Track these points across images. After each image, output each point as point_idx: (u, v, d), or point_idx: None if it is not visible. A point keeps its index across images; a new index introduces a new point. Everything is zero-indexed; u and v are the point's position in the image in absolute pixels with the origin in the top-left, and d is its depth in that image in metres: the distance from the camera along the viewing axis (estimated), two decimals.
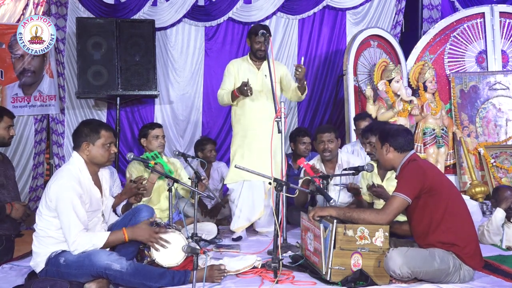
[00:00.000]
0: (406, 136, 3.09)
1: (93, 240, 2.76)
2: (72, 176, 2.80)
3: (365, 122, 4.80)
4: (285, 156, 3.99)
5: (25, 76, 5.63)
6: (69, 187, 2.75)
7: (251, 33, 4.35)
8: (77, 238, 2.73)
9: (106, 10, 5.95)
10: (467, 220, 2.95)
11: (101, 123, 3.12)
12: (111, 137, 2.97)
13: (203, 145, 5.26)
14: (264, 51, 4.28)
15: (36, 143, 5.73)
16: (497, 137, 6.00)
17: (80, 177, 2.84)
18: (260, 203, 4.30)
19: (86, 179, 2.88)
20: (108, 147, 2.93)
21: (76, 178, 2.81)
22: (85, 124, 2.98)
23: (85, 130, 2.91)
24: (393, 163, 3.11)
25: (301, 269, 3.12)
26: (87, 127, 2.93)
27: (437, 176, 2.99)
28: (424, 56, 6.13)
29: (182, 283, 2.80)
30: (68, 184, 2.76)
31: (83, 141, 2.89)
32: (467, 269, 2.85)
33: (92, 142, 2.89)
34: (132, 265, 2.75)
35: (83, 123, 3.03)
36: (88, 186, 2.88)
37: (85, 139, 2.89)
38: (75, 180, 2.79)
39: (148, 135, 4.23)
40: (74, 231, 2.72)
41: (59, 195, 2.74)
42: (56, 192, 2.75)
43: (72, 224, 2.72)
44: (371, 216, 2.90)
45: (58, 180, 2.79)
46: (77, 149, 2.91)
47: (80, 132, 2.91)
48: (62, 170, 2.89)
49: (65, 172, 2.83)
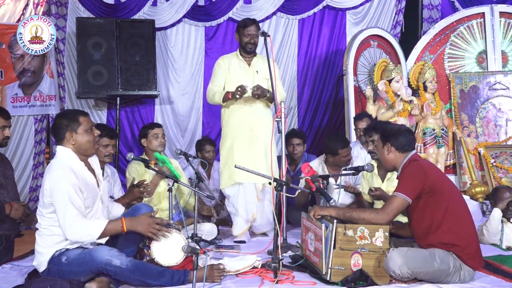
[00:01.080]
0: (407, 136, 3.08)
1: (89, 228, 2.74)
2: (64, 166, 2.79)
3: (364, 122, 4.80)
4: (285, 157, 3.96)
5: (25, 76, 5.63)
6: (62, 177, 2.74)
7: (240, 27, 4.24)
8: (73, 223, 2.70)
9: (106, 10, 5.95)
10: (468, 220, 2.95)
11: (76, 110, 3.11)
12: (90, 121, 2.96)
13: (202, 145, 5.26)
14: (254, 45, 4.20)
15: (36, 143, 5.73)
16: (497, 137, 6.00)
17: (72, 165, 2.82)
18: (253, 205, 4.19)
19: (78, 166, 2.86)
20: (91, 131, 2.92)
21: (68, 167, 2.79)
22: (61, 116, 2.95)
23: (64, 122, 2.88)
24: (394, 163, 3.10)
25: (301, 269, 3.12)
26: (65, 118, 2.91)
27: (438, 177, 2.99)
28: (424, 56, 6.13)
29: (182, 282, 2.80)
30: (60, 174, 2.75)
31: (65, 132, 2.86)
32: (467, 269, 2.85)
33: (75, 130, 2.87)
34: (133, 261, 2.75)
35: (58, 116, 3.00)
36: (82, 172, 2.86)
37: (67, 129, 2.86)
38: (67, 169, 2.77)
39: (148, 135, 4.23)
40: (69, 216, 2.70)
41: (53, 187, 2.73)
42: (50, 185, 2.74)
43: (67, 210, 2.70)
44: (370, 216, 2.90)
45: (50, 174, 2.78)
46: (61, 142, 2.89)
47: (59, 125, 2.89)
48: (51, 164, 2.87)
49: (55, 165, 2.82)
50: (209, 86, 4.31)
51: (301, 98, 6.43)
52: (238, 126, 4.19)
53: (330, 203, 3.21)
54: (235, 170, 3.78)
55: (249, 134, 4.17)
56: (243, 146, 4.16)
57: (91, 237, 2.76)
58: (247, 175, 3.70)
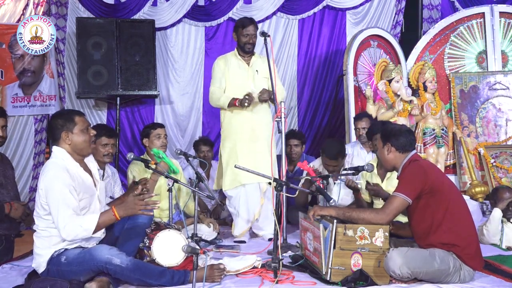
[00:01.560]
0: (408, 137, 3.07)
1: (83, 224, 2.72)
2: (58, 167, 2.78)
3: (364, 122, 4.80)
4: (285, 157, 3.96)
5: (25, 76, 5.63)
6: (56, 177, 2.73)
7: (238, 26, 4.22)
8: (67, 222, 2.69)
9: (106, 10, 5.95)
10: (468, 220, 2.95)
11: (72, 110, 3.11)
12: (86, 120, 2.95)
13: (198, 145, 5.28)
14: (252, 45, 4.19)
15: (36, 143, 5.73)
16: (497, 137, 6.00)
17: (67, 165, 2.81)
18: (256, 206, 4.18)
19: (73, 167, 2.85)
20: (86, 131, 2.92)
21: (63, 167, 2.78)
22: (57, 116, 2.94)
23: (60, 121, 2.87)
24: (394, 163, 3.10)
25: (301, 269, 3.12)
26: (60, 118, 2.90)
27: (438, 177, 2.98)
28: (424, 56, 6.13)
29: (182, 283, 2.80)
30: (54, 174, 2.74)
31: (61, 132, 2.86)
32: (467, 269, 2.85)
33: (71, 130, 2.86)
34: (133, 261, 2.75)
35: (54, 116, 2.99)
36: (77, 172, 2.85)
37: (63, 129, 2.86)
38: (62, 170, 2.77)
39: (150, 135, 4.22)
40: (63, 216, 2.69)
41: (48, 187, 2.73)
42: (45, 185, 2.74)
43: (60, 210, 2.69)
44: (370, 216, 2.90)
45: (45, 174, 2.78)
46: (57, 142, 2.88)
47: (55, 125, 2.88)
48: (46, 165, 2.86)
49: (50, 165, 2.81)
50: (211, 88, 4.28)
51: (301, 98, 6.43)
52: (240, 128, 4.17)
53: (330, 203, 3.21)
54: (239, 172, 3.77)
55: (250, 134, 4.16)
56: (245, 146, 4.15)
57: (87, 232, 2.73)
58: (251, 176, 3.70)
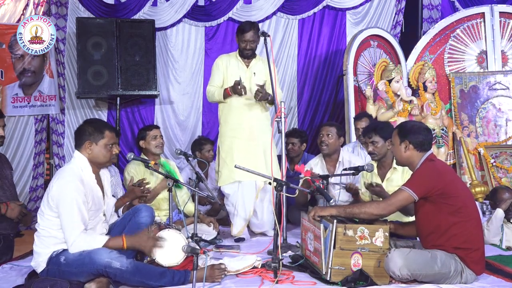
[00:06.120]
0: (427, 135, 3.00)
1: (92, 244, 2.75)
2: (75, 175, 2.80)
3: (364, 122, 4.81)
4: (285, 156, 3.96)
5: (25, 76, 5.63)
6: (72, 187, 2.74)
7: (238, 31, 4.23)
8: (77, 239, 2.72)
9: (106, 10, 5.95)
10: (478, 225, 2.91)
11: (105, 123, 3.12)
12: (114, 137, 2.97)
13: (202, 144, 5.22)
14: (251, 50, 4.20)
15: (36, 143, 5.74)
16: (497, 137, 6.00)
17: (83, 176, 2.84)
18: (250, 203, 4.19)
19: (88, 178, 2.87)
20: (110, 148, 2.93)
21: (79, 177, 2.80)
22: (89, 123, 2.97)
23: (89, 129, 2.90)
24: (411, 161, 3.01)
25: (301, 269, 3.12)
26: (91, 126, 2.93)
27: (453, 180, 2.91)
28: (424, 56, 6.13)
29: (182, 283, 2.80)
30: (70, 183, 2.75)
31: (86, 140, 2.88)
32: (469, 273, 2.82)
33: (95, 142, 2.89)
34: (133, 263, 2.75)
35: (87, 122, 3.02)
36: (91, 185, 2.87)
37: (88, 138, 2.88)
38: (78, 179, 2.78)
39: (146, 136, 4.24)
40: (75, 232, 2.72)
41: (61, 195, 2.73)
42: (58, 192, 2.75)
43: (73, 225, 2.72)
44: (372, 207, 2.89)
45: (61, 180, 2.78)
46: (79, 148, 2.91)
47: (83, 131, 2.91)
48: (64, 169, 2.88)
49: (67, 172, 2.83)
50: (208, 87, 4.33)
51: (301, 98, 6.44)
52: (238, 125, 4.19)
53: (330, 203, 3.21)
54: (235, 169, 3.78)
55: (248, 133, 4.18)
56: (243, 145, 4.16)
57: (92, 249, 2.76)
58: (247, 173, 3.70)
